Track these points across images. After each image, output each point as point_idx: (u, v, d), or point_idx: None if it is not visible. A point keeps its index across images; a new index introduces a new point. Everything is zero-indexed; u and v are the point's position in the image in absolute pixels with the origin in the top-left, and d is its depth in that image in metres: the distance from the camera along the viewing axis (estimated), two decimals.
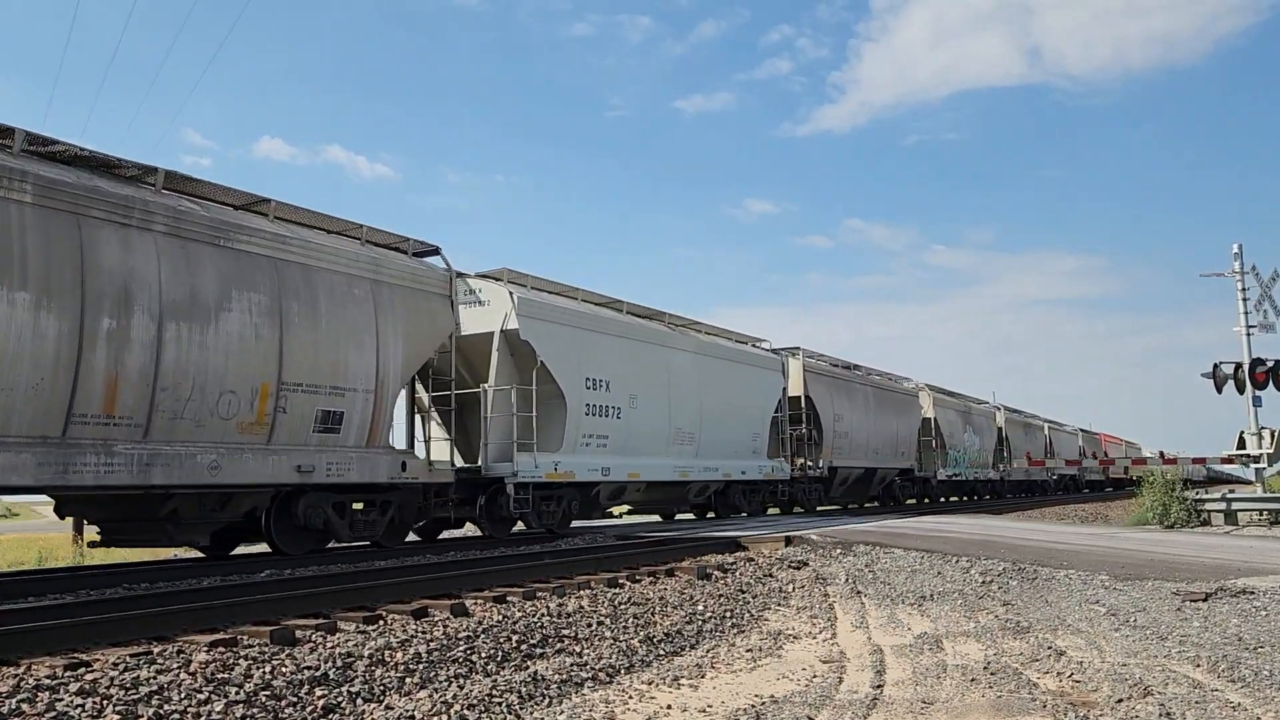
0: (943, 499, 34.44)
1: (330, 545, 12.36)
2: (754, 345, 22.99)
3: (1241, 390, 22.11)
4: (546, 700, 5.75)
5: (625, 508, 21.70)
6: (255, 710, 5.01)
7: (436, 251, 13.89)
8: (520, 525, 15.55)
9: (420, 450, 14.69)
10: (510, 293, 14.91)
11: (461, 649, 6.47)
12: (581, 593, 8.87)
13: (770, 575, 10.90)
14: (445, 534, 16.16)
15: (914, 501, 32.32)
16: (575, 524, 16.62)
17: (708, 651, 7.36)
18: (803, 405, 23.89)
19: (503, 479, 14.24)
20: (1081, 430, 56.49)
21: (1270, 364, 22.11)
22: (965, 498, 36.83)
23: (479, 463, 14.45)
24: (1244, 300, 22.71)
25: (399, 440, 13.86)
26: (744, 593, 9.80)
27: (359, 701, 5.38)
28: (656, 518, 21.99)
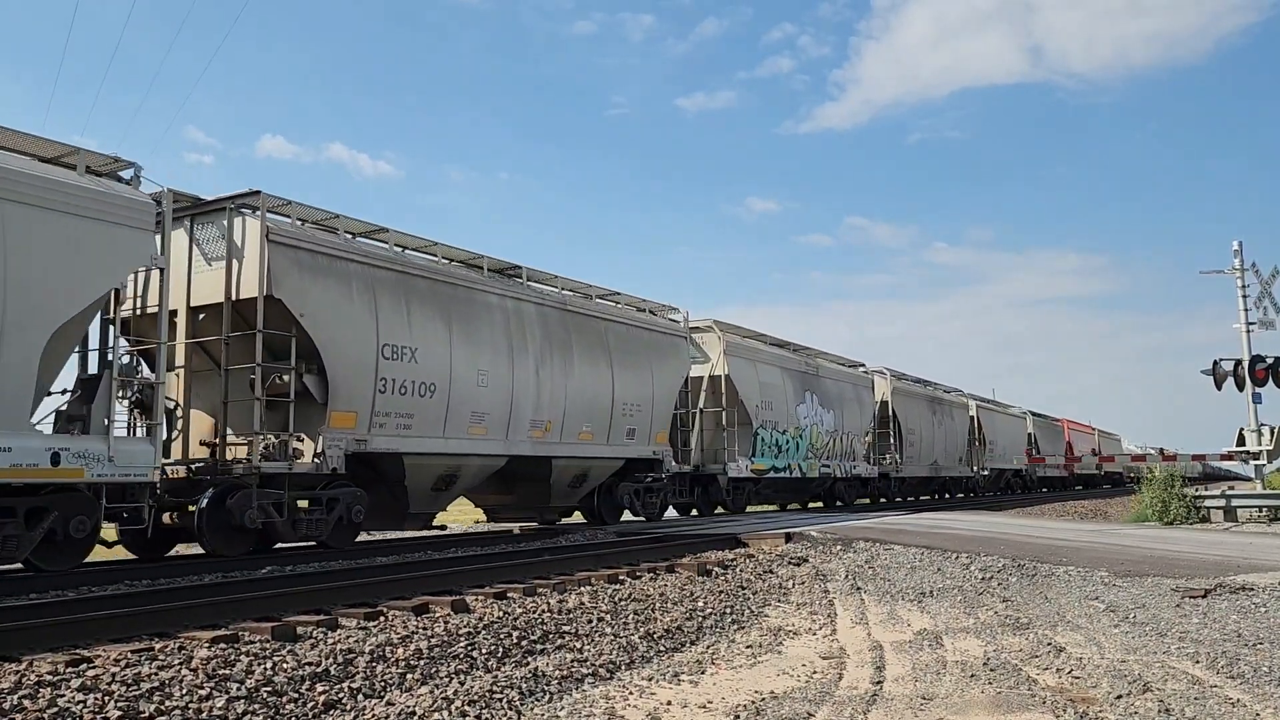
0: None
1: None
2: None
3: (1241, 387, 22.11)
4: (547, 696, 5.76)
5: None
6: (256, 706, 5.02)
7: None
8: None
9: None
10: None
11: (462, 645, 6.49)
12: (582, 589, 8.88)
13: (770, 571, 10.92)
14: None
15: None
16: None
17: (708, 648, 7.37)
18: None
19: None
20: (1034, 415, 47.73)
21: (1270, 361, 22.11)
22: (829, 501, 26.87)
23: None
24: (1244, 297, 22.72)
25: None
26: (744, 589, 9.82)
27: (360, 697, 5.39)
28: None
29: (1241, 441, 22.21)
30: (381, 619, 7.05)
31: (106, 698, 4.81)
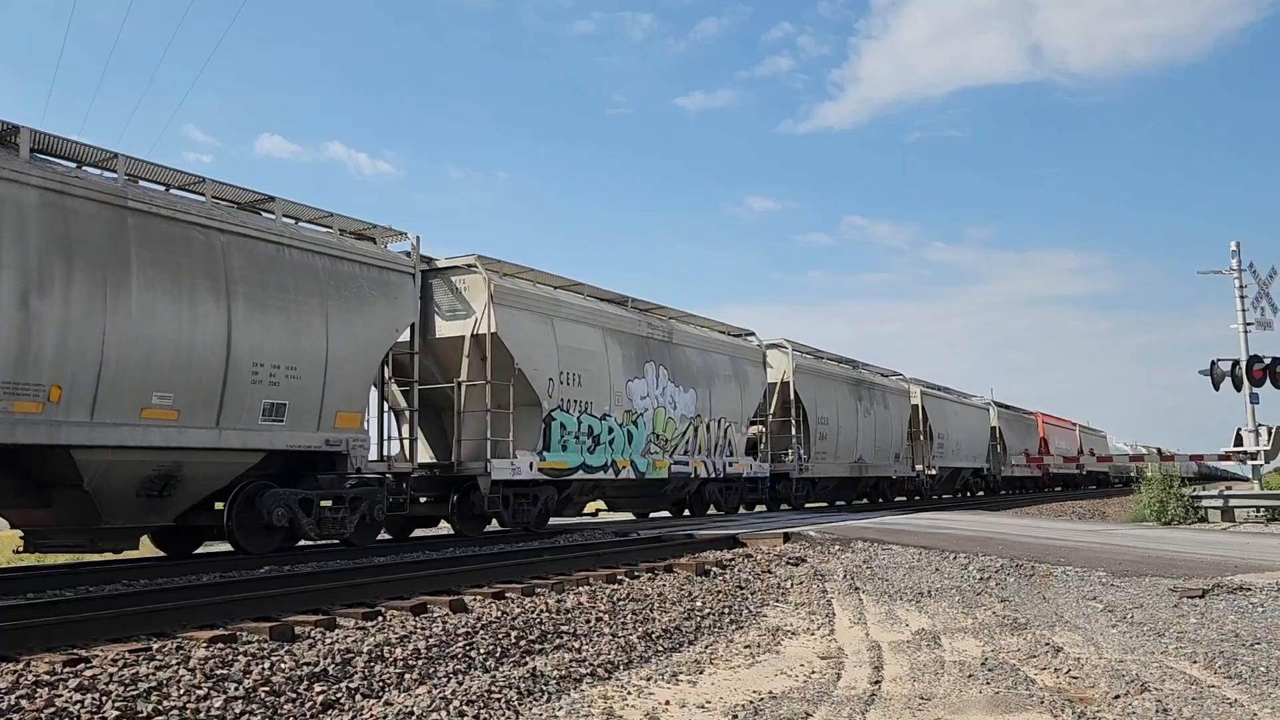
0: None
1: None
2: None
3: (1239, 387, 22.15)
4: (545, 696, 5.76)
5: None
6: (254, 706, 5.02)
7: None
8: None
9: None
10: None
11: (460, 645, 6.49)
12: (580, 589, 8.88)
13: (769, 571, 10.92)
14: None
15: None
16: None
17: (706, 648, 7.37)
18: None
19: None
20: (1000, 406, 41.26)
21: (1268, 361, 22.15)
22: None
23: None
24: (1241, 298, 22.75)
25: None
26: (742, 589, 9.82)
27: (358, 697, 5.39)
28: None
29: (1239, 441, 22.25)
30: (380, 619, 7.04)
31: (104, 698, 4.80)
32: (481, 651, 6.46)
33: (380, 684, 5.62)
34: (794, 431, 23.78)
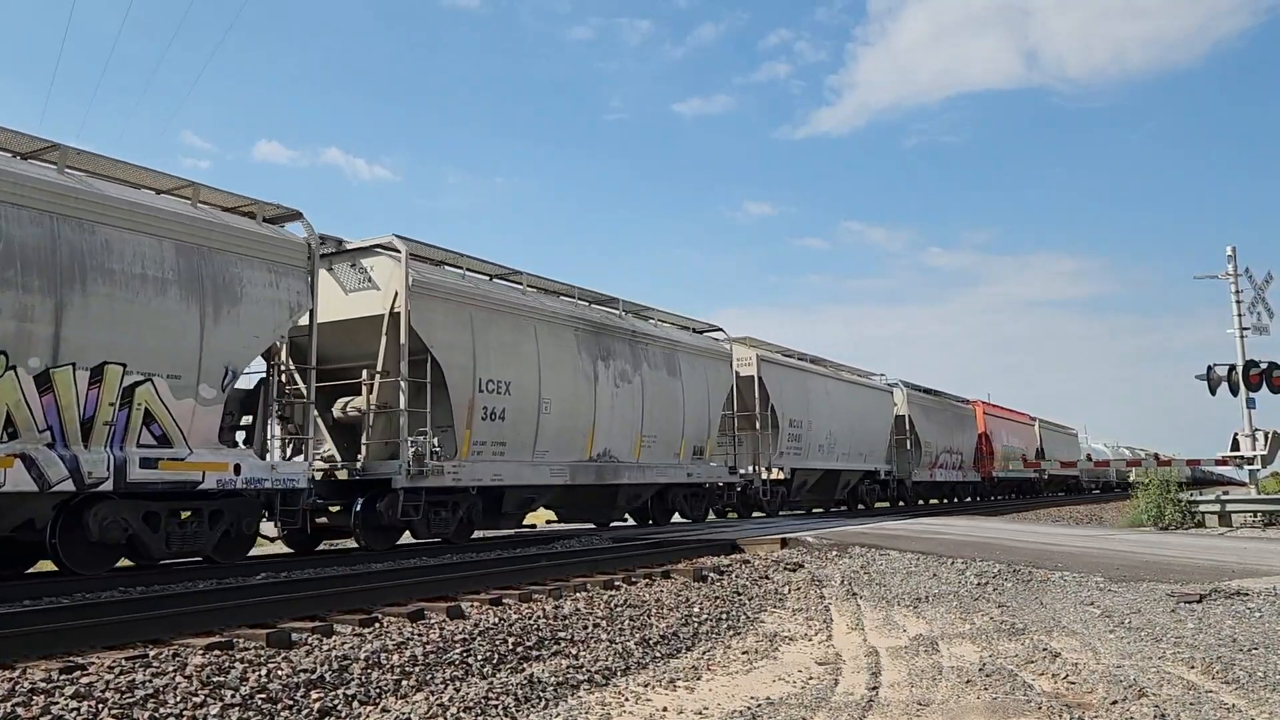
0: None
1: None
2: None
3: (1235, 392, 22.20)
4: (543, 703, 5.75)
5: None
6: (251, 713, 5.00)
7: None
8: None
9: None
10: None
11: (458, 651, 6.47)
12: (577, 595, 8.87)
13: (766, 577, 10.91)
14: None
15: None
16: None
17: (704, 654, 7.36)
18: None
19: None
20: (913, 389, 32.02)
21: (1264, 366, 22.21)
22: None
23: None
24: (1238, 303, 22.81)
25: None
26: (740, 595, 9.81)
27: (355, 704, 5.37)
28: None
29: (1236, 446, 22.28)
30: (377, 625, 7.03)
31: (100, 705, 4.79)
32: (479, 658, 6.45)
33: (377, 691, 5.61)
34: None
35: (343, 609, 7.62)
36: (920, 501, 33.13)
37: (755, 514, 22.89)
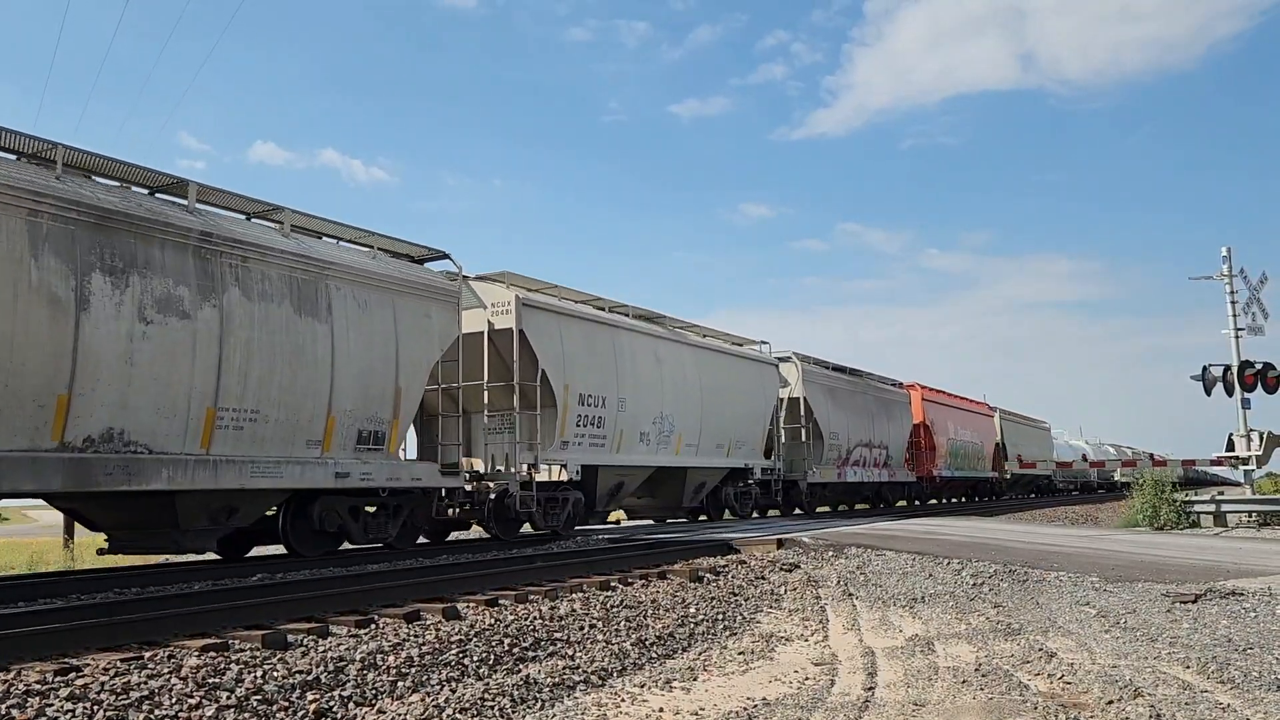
0: None
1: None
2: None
3: (1230, 393, 22.23)
4: (539, 704, 5.74)
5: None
6: (246, 715, 5.00)
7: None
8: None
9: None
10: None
11: (454, 652, 6.47)
12: (574, 595, 8.87)
13: (762, 578, 10.92)
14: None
15: None
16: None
17: (700, 654, 7.36)
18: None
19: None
20: (819, 366, 25.59)
21: (1259, 366, 22.24)
22: None
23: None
24: (1233, 303, 22.85)
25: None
26: (736, 595, 9.81)
27: (351, 705, 5.37)
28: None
29: (1231, 447, 22.32)
30: (373, 626, 7.02)
31: (95, 706, 4.78)
32: (475, 659, 6.45)
33: (373, 692, 5.60)
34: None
35: (339, 610, 7.61)
36: (823, 509, 26.53)
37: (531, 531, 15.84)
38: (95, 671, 5.32)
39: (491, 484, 14.28)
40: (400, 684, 5.77)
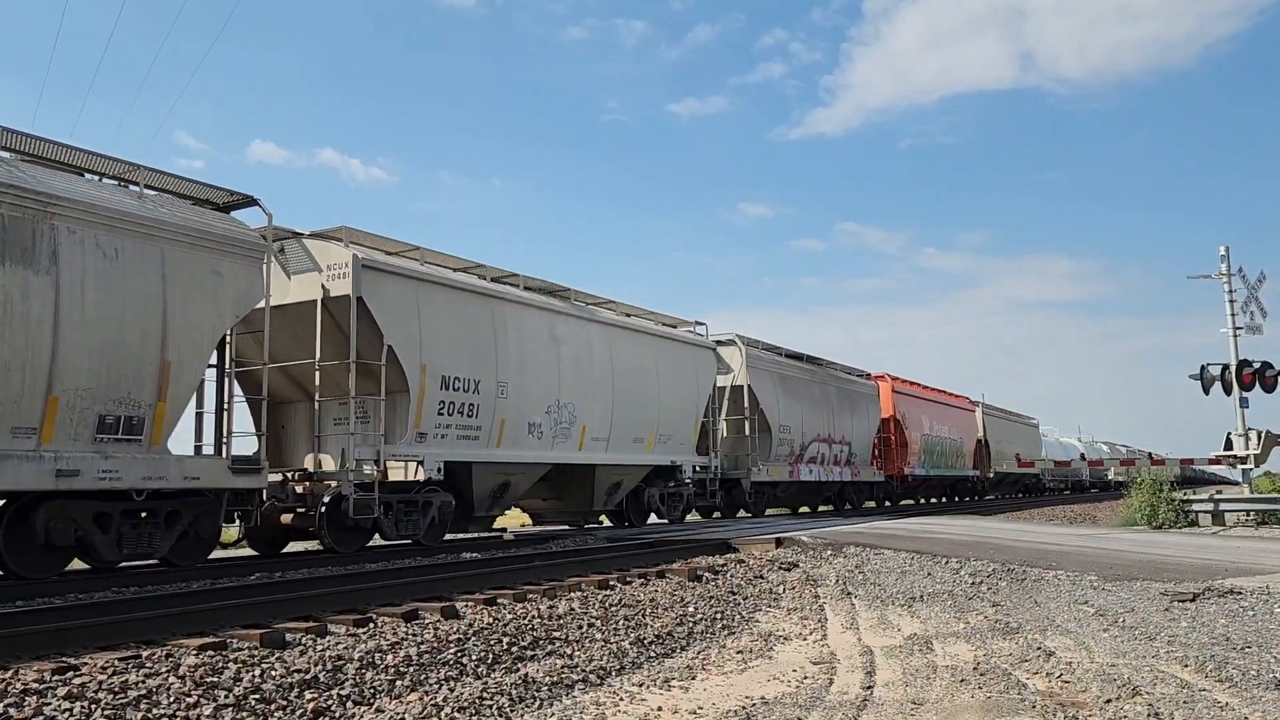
0: None
1: None
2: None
3: (1228, 392, 22.23)
4: (537, 702, 5.74)
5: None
6: (244, 714, 4.99)
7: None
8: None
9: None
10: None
11: (452, 651, 6.46)
12: (572, 595, 8.86)
13: (761, 577, 10.92)
14: None
15: None
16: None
17: (698, 653, 7.36)
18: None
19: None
20: (768, 352, 23.08)
21: (1257, 365, 22.24)
22: None
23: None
24: (1231, 302, 22.86)
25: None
26: (735, 594, 9.81)
27: (349, 704, 5.36)
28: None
29: (1229, 446, 22.32)
30: (371, 625, 7.02)
31: (93, 705, 4.77)
32: (473, 658, 6.44)
33: (372, 691, 5.60)
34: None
35: (337, 609, 7.61)
36: (777, 511, 24.08)
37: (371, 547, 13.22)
38: (93, 670, 5.32)
39: (332, 484, 11.90)
40: (399, 683, 5.77)
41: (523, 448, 14.48)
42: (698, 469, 19.53)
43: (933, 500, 34.92)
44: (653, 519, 18.97)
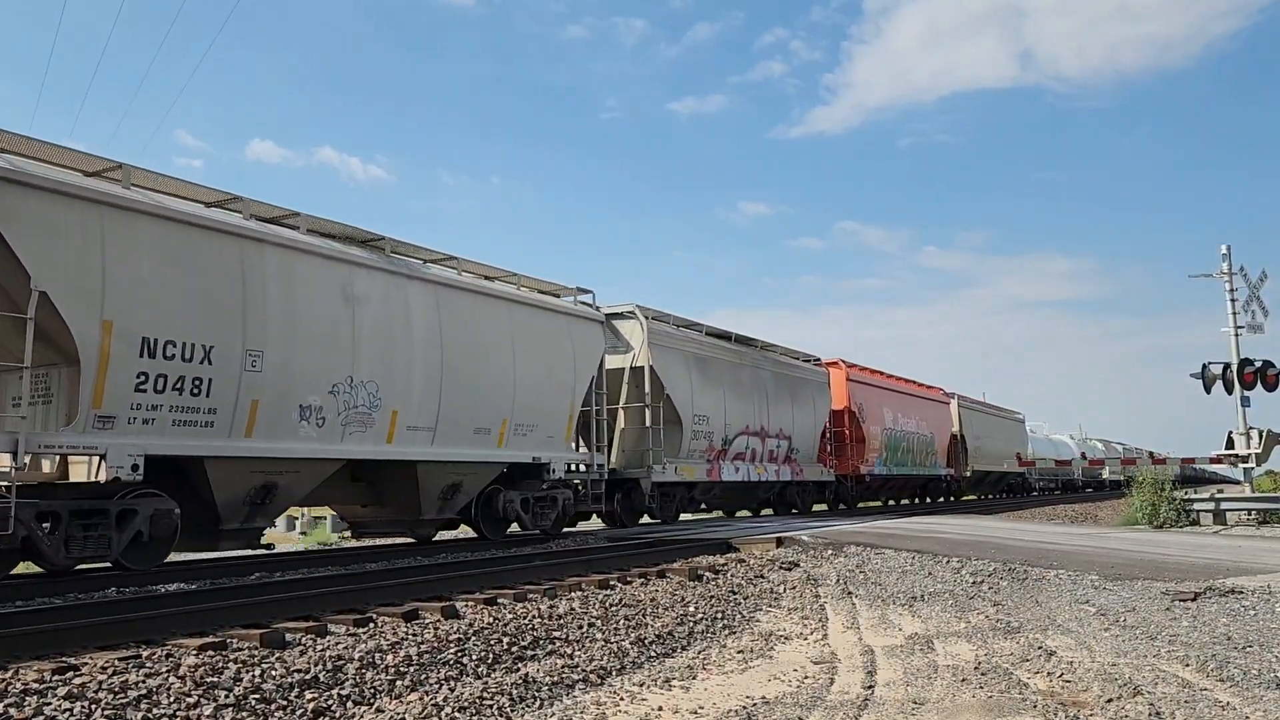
0: None
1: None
2: None
3: (1230, 391, 22.23)
4: (537, 702, 5.74)
5: None
6: (244, 714, 4.98)
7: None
8: None
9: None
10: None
11: (452, 651, 6.46)
12: (573, 594, 8.86)
13: (761, 576, 10.91)
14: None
15: None
16: None
17: (699, 653, 7.35)
18: None
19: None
20: (685, 329, 19.69)
21: (1258, 364, 22.24)
22: None
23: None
24: (1232, 301, 22.86)
25: None
26: (735, 594, 9.80)
27: (349, 704, 5.36)
28: None
29: (1231, 444, 22.32)
30: (371, 625, 7.01)
31: (93, 705, 4.77)
32: (474, 658, 6.44)
33: (372, 691, 5.59)
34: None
35: (337, 609, 7.60)
36: (686, 515, 20.54)
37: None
38: (93, 670, 5.31)
39: None
40: (399, 683, 5.77)
41: (290, 438, 10.89)
42: (574, 467, 15.70)
43: (903, 502, 31.92)
44: (573, 528, 16.95)
